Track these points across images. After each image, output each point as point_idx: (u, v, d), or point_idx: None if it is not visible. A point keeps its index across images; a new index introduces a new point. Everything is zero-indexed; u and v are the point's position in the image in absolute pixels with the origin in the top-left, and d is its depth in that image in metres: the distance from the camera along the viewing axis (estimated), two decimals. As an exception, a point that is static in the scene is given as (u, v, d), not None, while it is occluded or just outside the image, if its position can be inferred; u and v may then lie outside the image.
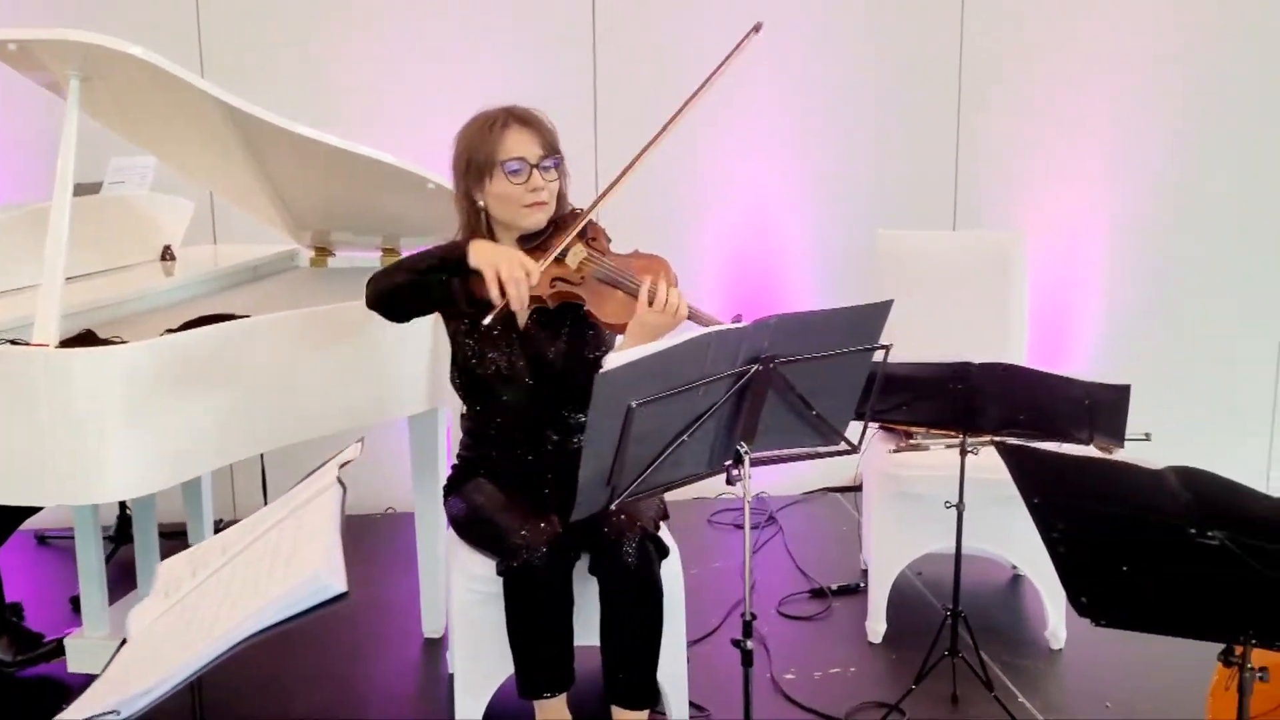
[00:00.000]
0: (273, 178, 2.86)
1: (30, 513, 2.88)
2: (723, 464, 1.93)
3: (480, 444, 2.38)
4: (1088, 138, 4.09)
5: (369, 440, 3.49)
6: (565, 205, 2.34)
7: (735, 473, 1.92)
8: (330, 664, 2.94)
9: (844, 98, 4.05)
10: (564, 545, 2.19)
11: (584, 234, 2.26)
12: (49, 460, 2.08)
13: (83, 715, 1.28)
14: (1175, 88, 4.06)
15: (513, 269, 2.13)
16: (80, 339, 2.28)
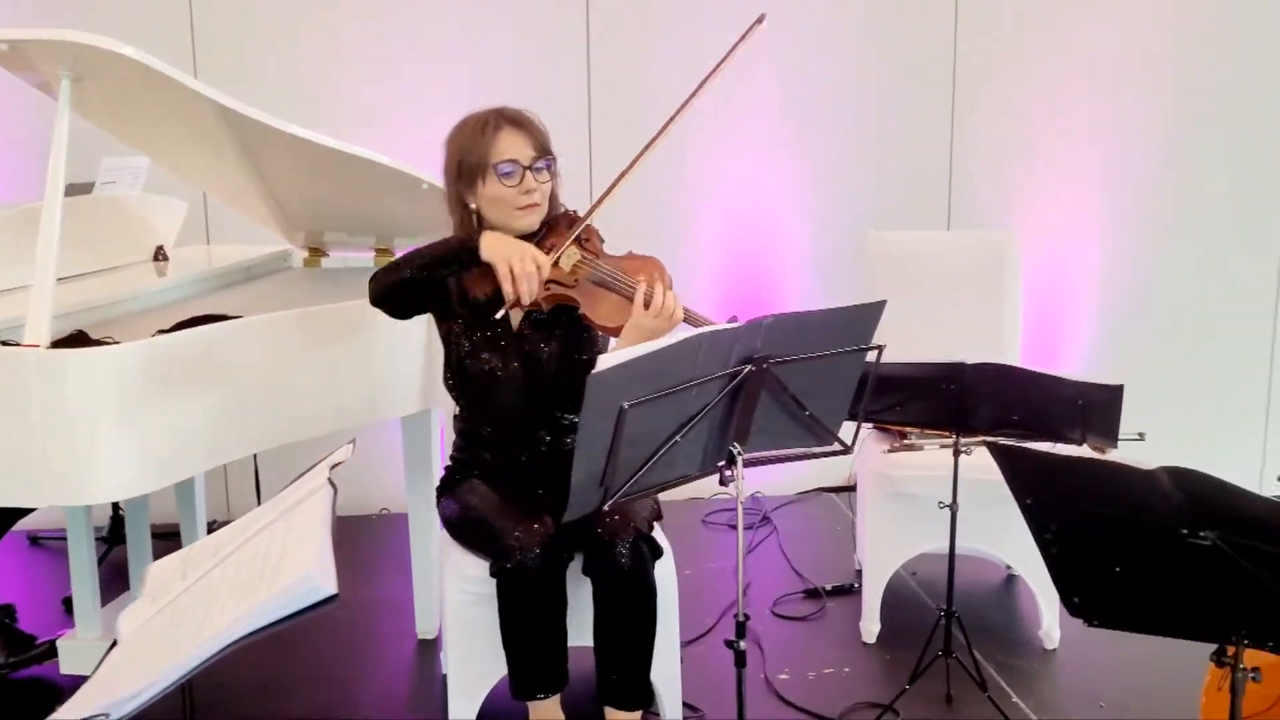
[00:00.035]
0: (266, 178, 2.86)
1: (23, 514, 2.87)
2: (716, 465, 1.93)
3: (473, 445, 2.38)
4: (1081, 138, 4.09)
5: (362, 441, 3.48)
6: (558, 206, 2.33)
7: (728, 474, 1.92)
8: (324, 665, 2.93)
9: (838, 98, 4.05)
10: (557, 546, 2.19)
11: (577, 235, 2.26)
12: (41, 461, 2.07)
13: (72, 718, 1.28)
14: (1168, 89, 4.07)
15: (525, 263, 2.12)
16: (72, 340, 2.27)
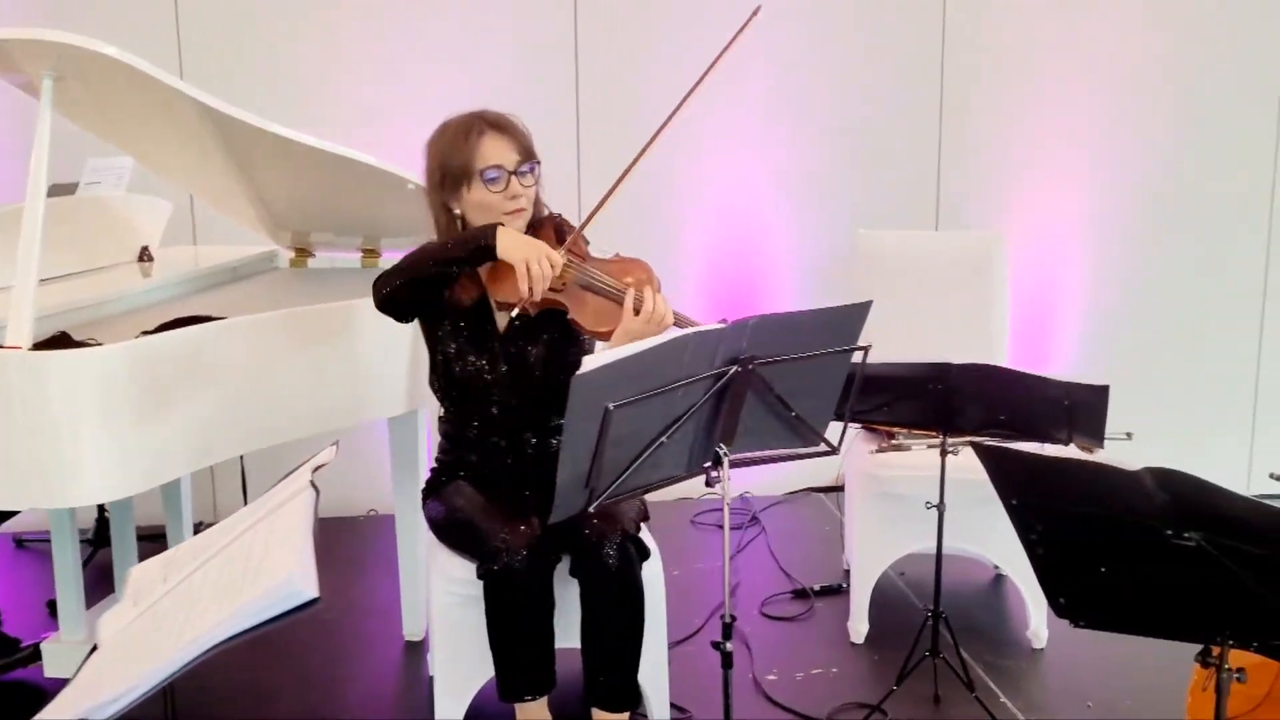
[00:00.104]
0: (252, 179, 2.84)
1: (7, 516, 2.86)
2: (702, 466, 1.93)
3: (459, 447, 2.37)
4: (1069, 140, 4.10)
5: (349, 443, 3.48)
6: (542, 208, 2.32)
7: (714, 475, 1.91)
8: (310, 667, 2.92)
9: (827, 99, 4.05)
10: (544, 548, 2.18)
11: (563, 238, 2.24)
12: (23, 463, 2.05)
13: (51, 723, 1.27)
14: (1157, 90, 4.07)
15: (542, 263, 2.10)
16: (55, 341, 2.26)
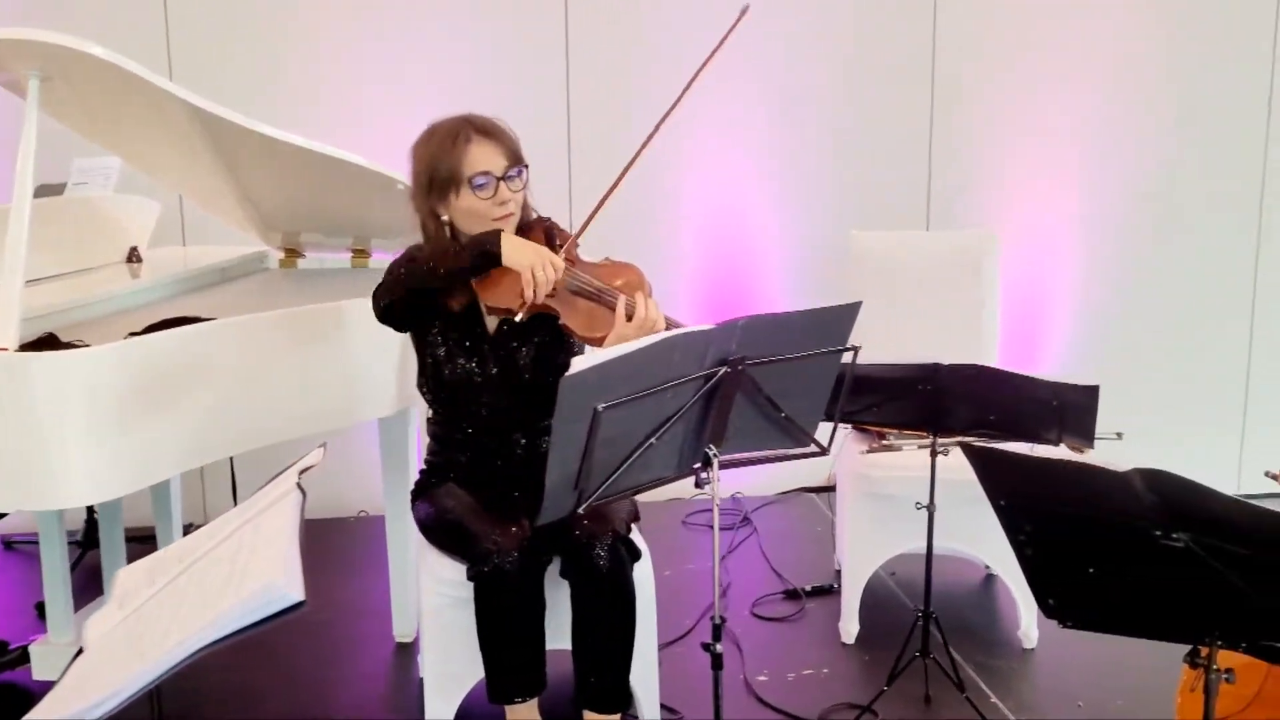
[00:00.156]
0: (240, 179, 2.84)
1: (-5, 518, 2.85)
2: (691, 467, 1.93)
3: (448, 449, 2.36)
4: (1061, 139, 4.10)
5: (340, 443, 3.47)
6: (530, 211, 2.32)
7: (704, 475, 1.91)
8: (300, 668, 2.91)
9: (818, 99, 4.04)
10: (535, 549, 2.18)
11: (552, 243, 2.24)
12: (9, 465, 2.04)
13: (36, 727, 1.26)
14: (1147, 90, 4.08)
15: (546, 270, 2.10)
16: (42, 342, 2.25)
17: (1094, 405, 2.29)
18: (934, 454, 2.54)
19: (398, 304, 2.20)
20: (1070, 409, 2.32)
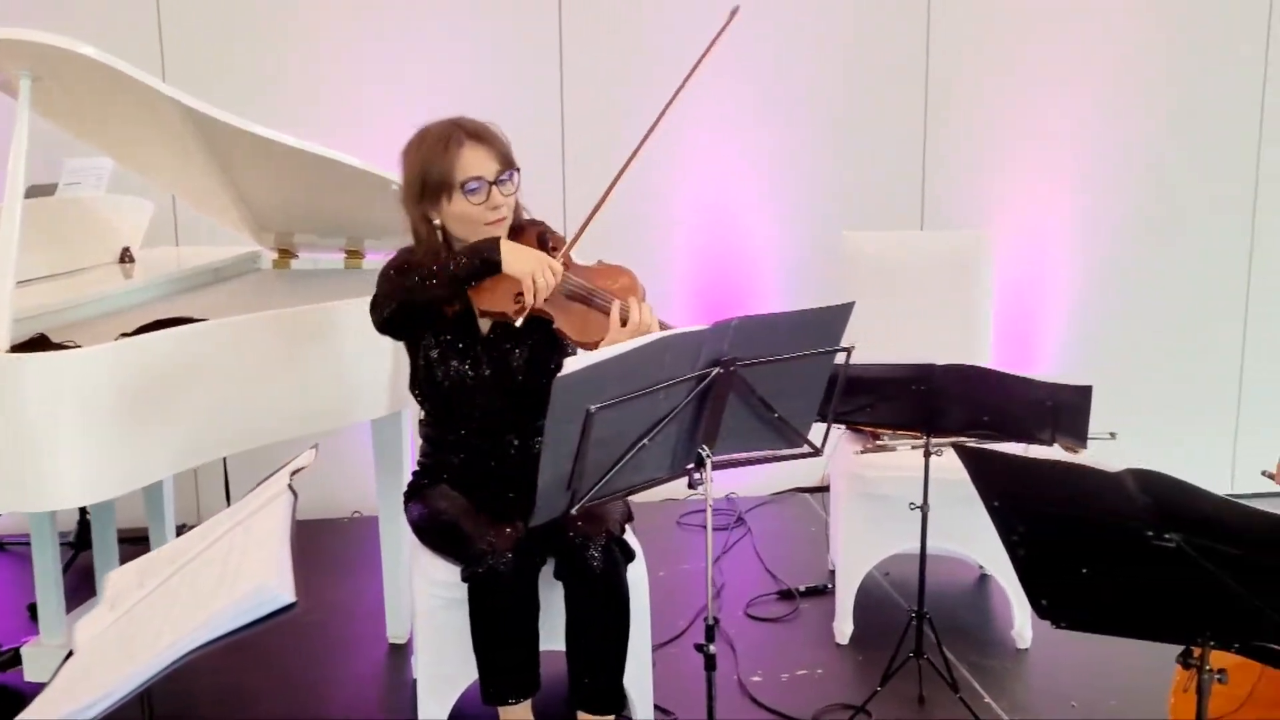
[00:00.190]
0: (234, 179, 2.83)
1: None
2: (684, 468, 1.92)
3: (441, 450, 2.36)
4: (1055, 139, 4.10)
5: (334, 444, 3.46)
6: (521, 213, 2.31)
7: (697, 476, 1.91)
8: (293, 669, 2.91)
9: (811, 99, 4.04)
10: (529, 550, 2.17)
11: (545, 246, 2.24)
12: (0, 466, 2.04)
13: (26, 730, 1.26)
14: (1141, 92, 4.08)
15: (546, 275, 2.10)
16: (34, 343, 2.24)
17: (1087, 406, 2.29)
18: (927, 454, 2.54)
19: (398, 314, 2.20)
20: (1063, 409, 2.32)
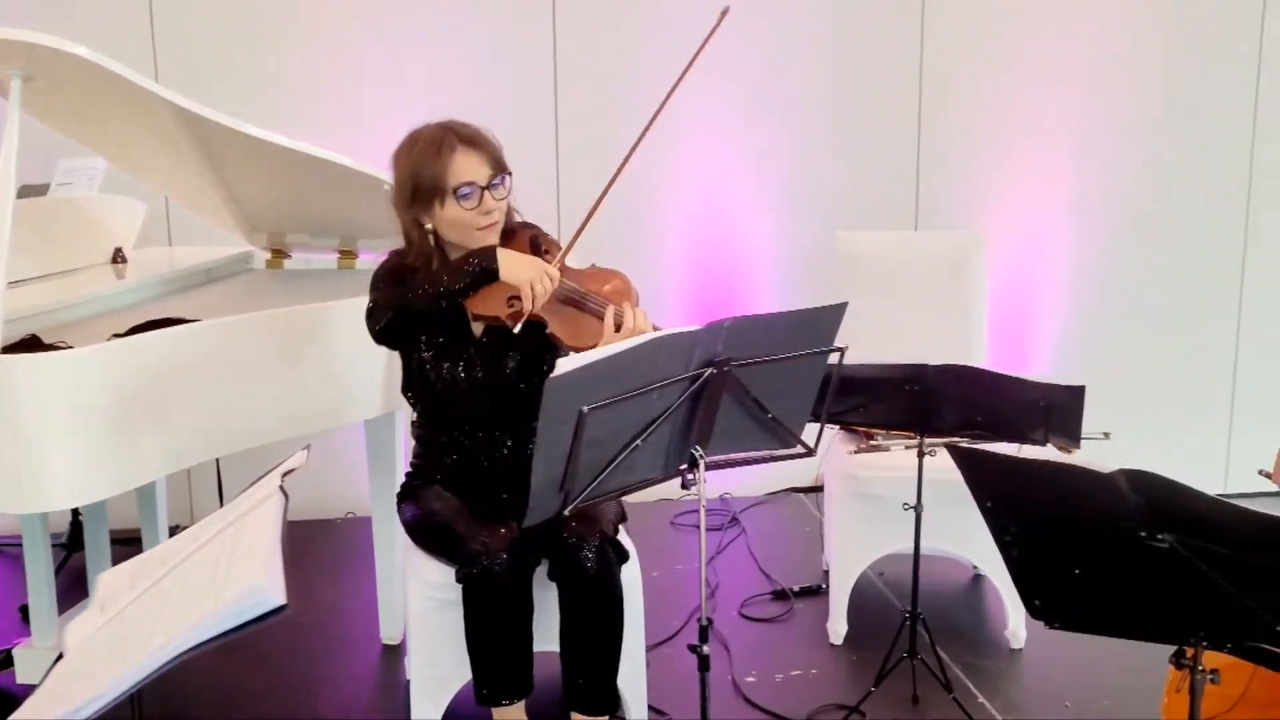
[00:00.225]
0: (226, 180, 2.83)
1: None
2: (678, 468, 1.92)
3: (433, 451, 2.35)
4: (1049, 139, 4.11)
5: (328, 445, 3.45)
6: (513, 215, 2.31)
7: (690, 477, 1.91)
8: (286, 671, 2.90)
9: (805, 98, 4.04)
10: (523, 551, 2.17)
11: (537, 250, 2.23)
12: (-9, 468, 2.03)
13: (16, 733, 1.25)
14: (1136, 90, 4.08)
15: (543, 283, 2.10)
16: (25, 344, 2.23)
17: (1079, 406, 2.29)
18: (921, 454, 2.54)
19: (394, 323, 2.19)
20: (1056, 409, 2.32)
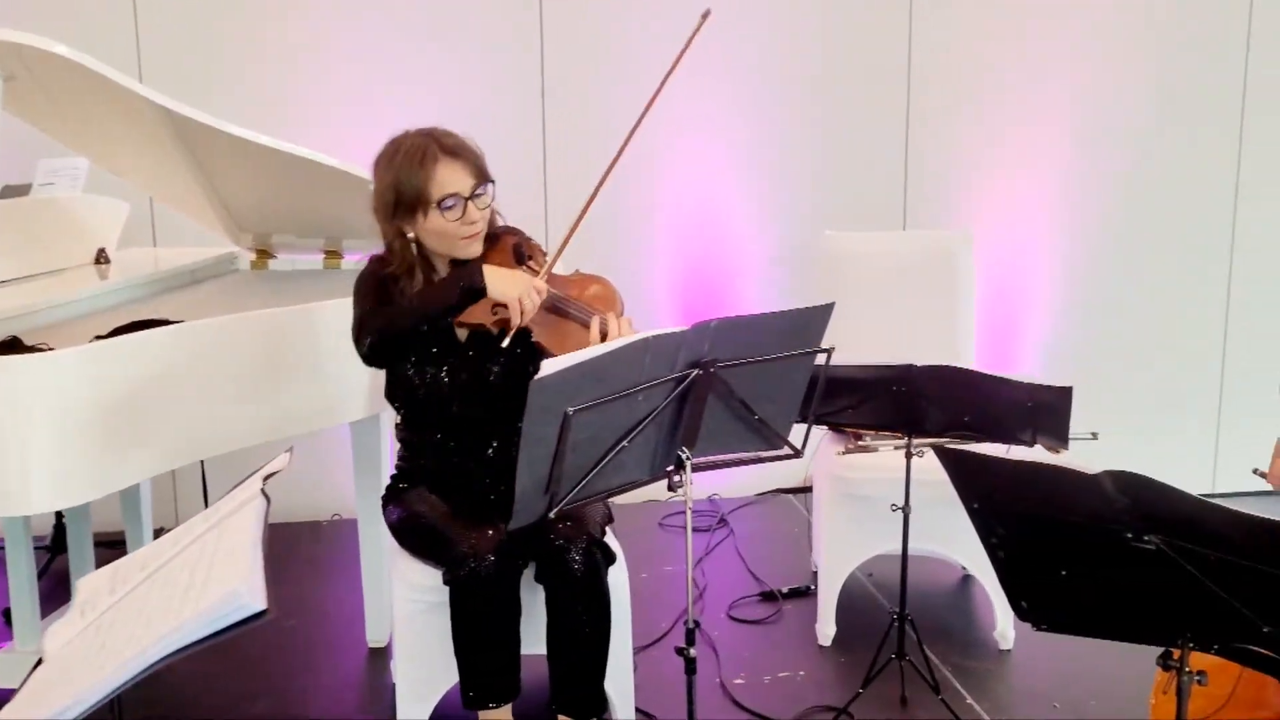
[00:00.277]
0: (211, 179, 2.81)
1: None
2: (664, 470, 1.91)
3: (418, 454, 2.34)
4: (1037, 140, 4.11)
5: (314, 446, 3.43)
6: (495, 221, 2.30)
7: (677, 478, 1.90)
8: (271, 674, 2.88)
9: (792, 99, 4.04)
10: (510, 553, 2.16)
11: (521, 257, 2.23)
12: (-29, 471, 2.01)
13: (-8, 740, 1.24)
14: (1124, 92, 4.09)
15: (531, 297, 2.10)
16: (6, 346, 2.22)
17: (1067, 407, 2.29)
18: (909, 455, 2.53)
19: (378, 344, 2.16)
20: (1044, 410, 2.31)
